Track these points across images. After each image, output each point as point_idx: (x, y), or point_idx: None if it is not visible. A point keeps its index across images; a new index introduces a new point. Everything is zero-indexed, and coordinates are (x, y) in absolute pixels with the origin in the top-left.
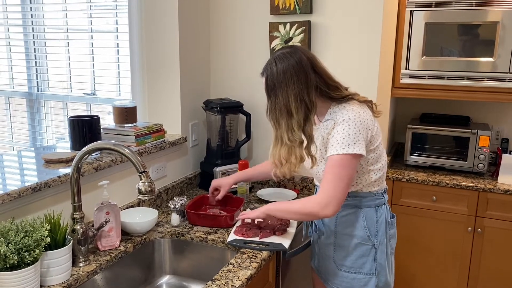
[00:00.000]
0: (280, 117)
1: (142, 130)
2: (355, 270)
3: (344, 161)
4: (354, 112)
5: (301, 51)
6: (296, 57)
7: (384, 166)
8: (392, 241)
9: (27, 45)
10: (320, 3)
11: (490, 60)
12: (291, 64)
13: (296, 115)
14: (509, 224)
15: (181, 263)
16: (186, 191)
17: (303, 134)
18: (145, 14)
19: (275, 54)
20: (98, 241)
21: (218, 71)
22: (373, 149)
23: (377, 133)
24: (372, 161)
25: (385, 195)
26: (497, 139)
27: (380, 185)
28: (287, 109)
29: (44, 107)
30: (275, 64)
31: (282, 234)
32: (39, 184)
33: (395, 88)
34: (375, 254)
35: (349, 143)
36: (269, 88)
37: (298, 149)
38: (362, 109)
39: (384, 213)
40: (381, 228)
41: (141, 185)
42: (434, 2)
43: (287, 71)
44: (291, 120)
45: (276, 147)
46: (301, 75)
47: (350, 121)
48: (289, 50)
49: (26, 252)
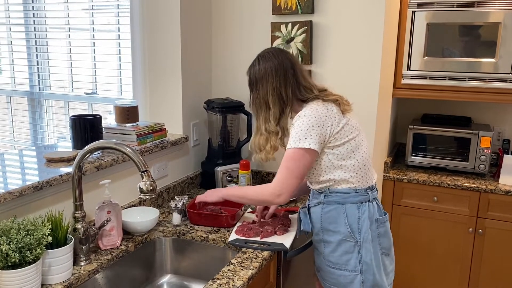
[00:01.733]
0: (259, 109)
1: (143, 130)
2: (341, 266)
3: (295, 155)
4: (312, 109)
5: (285, 54)
6: (279, 58)
7: (361, 162)
8: (383, 240)
9: (29, 44)
10: (322, 3)
11: (491, 61)
12: (273, 63)
13: (273, 108)
14: (510, 225)
15: (182, 262)
16: (187, 190)
17: (278, 126)
18: (147, 13)
19: (260, 53)
20: (99, 240)
21: (219, 71)
22: (339, 144)
23: (345, 128)
24: (342, 157)
25: (370, 192)
26: (498, 140)
27: (360, 182)
28: (266, 102)
29: (45, 106)
30: (259, 62)
31: (283, 234)
32: (40, 183)
33: (397, 88)
34: (360, 251)
35: (300, 138)
36: (251, 82)
37: (273, 138)
38: (323, 106)
39: (368, 210)
40: (365, 225)
41: (143, 184)
42: (436, 3)
43: (268, 68)
44: (268, 113)
45: (256, 136)
46: (280, 72)
47: (304, 117)
48: (273, 50)
49: (27, 251)
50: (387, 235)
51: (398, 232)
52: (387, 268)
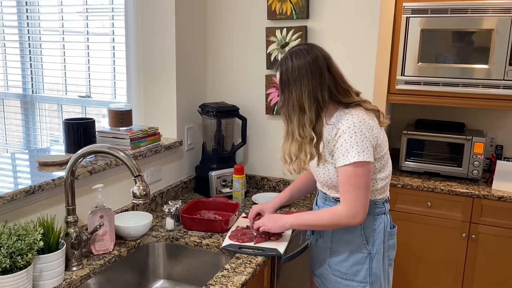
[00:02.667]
0: (293, 112)
1: (137, 134)
2: (349, 277)
3: (357, 170)
4: (359, 119)
5: (318, 49)
6: (313, 55)
7: (388, 175)
8: (391, 252)
9: (22, 46)
10: (316, 9)
11: (485, 67)
12: (307, 61)
13: (308, 111)
14: (503, 231)
15: (176, 267)
16: (181, 195)
17: (313, 131)
18: (141, 17)
19: (292, 50)
20: (91, 245)
21: (214, 75)
22: (378, 158)
23: (383, 142)
24: (377, 170)
25: (386, 204)
26: (491, 146)
27: (382, 194)
28: (300, 105)
29: (38, 109)
30: (291, 59)
31: (277, 239)
32: (32, 187)
33: (391, 94)
34: (371, 263)
35: (358, 151)
36: (283, 83)
37: (308, 146)
38: (368, 116)
39: (383, 222)
40: (379, 237)
41: (136, 189)
42: (430, 9)
43: (302, 68)
44: (303, 116)
45: (286, 142)
46: (316, 72)
47: (355, 128)
48: (306, 46)
49: (18, 256)
50: (394, 247)
51: None
52: (390, 278)
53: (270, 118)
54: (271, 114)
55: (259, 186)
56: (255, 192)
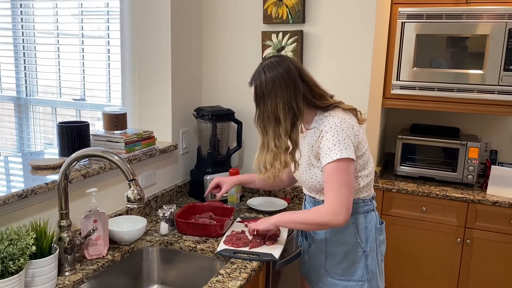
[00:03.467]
0: (268, 124)
1: (132, 137)
2: (347, 277)
3: (340, 167)
4: (340, 119)
5: (289, 60)
6: (285, 66)
7: (371, 172)
8: (382, 247)
9: (17, 49)
10: (312, 13)
11: (479, 72)
12: (280, 73)
13: (284, 122)
14: (497, 236)
15: (170, 272)
16: (175, 199)
17: (289, 140)
18: (137, 20)
19: (264, 63)
20: (85, 249)
21: (209, 79)
22: (360, 155)
23: (363, 139)
24: (360, 168)
25: (373, 201)
26: (486, 151)
27: (368, 192)
28: (275, 116)
29: (32, 112)
30: (264, 73)
31: (272, 244)
32: (25, 191)
33: (386, 98)
34: (366, 260)
35: (341, 149)
36: (258, 96)
37: (283, 155)
38: (347, 115)
39: (373, 219)
40: (371, 234)
41: (130, 193)
42: (425, 14)
43: (276, 80)
44: (278, 127)
45: (261, 154)
46: (289, 83)
47: (337, 127)
48: (277, 59)
49: (10, 261)
50: (384, 242)
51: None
52: (383, 273)
53: None
54: None
55: (254, 191)
56: (250, 196)
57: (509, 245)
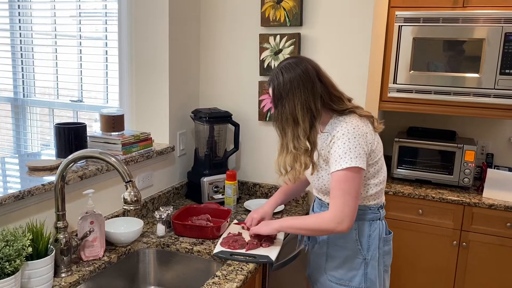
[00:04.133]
0: (287, 125)
1: (129, 139)
2: (345, 282)
3: (348, 176)
4: (353, 125)
5: (306, 61)
6: (302, 67)
7: (382, 181)
8: (386, 258)
9: (14, 50)
10: (310, 16)
11: (476, 76)
12: (298, 74)
13: (302, 123)
14: (493, 239)
15: (166, 274)
16: (172, 201)
17: (308, 141)
18: (135, 21)
19: (281, 65)
20: (81, 251)
21: (207, 81)
22: (372, 163)
23: (377, 147)
24: (371, 176)
25: (381, 210)
26: (482, 154)
27: (376, 200)
28: (294, 118)
29: (29, 113)
30: (282, 74)
31: (269, 246)
32: (22, 192)
33: (383, 101)
34: (366, 268)
35: (351, 157)
36: (276, 98)
37: (303, 156)
38: (362, 122)
39: (378, 228)
40: (374, 243)
41: (127, 195)
42: (422, 18)
43: (293, 81)
44: (297, 129)
45: (281, 155)
46: (307, 84)
47: (349, 134)
48: (295, 60)
49: (6, 262)
50: (390, 253)
51: None
52: (385, 284)
53: (262, 125)
54: (264, 120)
55: (251, 193)
56: (247, 198)
57: (505, 248)
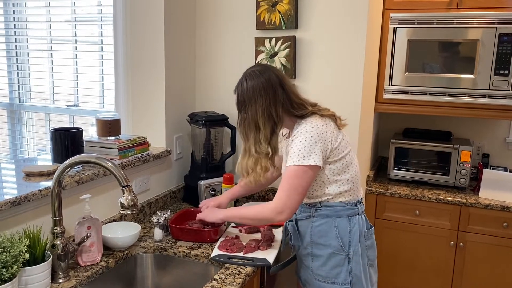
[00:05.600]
0: (249, 130)
1: (125, 143)
2: (330, 280)
3: (298, 172)
4: (312, 125)
5: (271, 70)
6: (266, 75)
7: (354, 176)
8: (370, 252)
9: (10, 55)
10: (305, 19)
11: (470, 77)
12: (261, 81)
13: (263, 129)
14: (490, 239)
15: (164, 278)
16: (169, 205)
17: (269, 146)
18: (130, 25)
19: (246, 72)
20: (78, 256)
21: (203, 84)
22: (337, 160)
23: (341, 144)
24: (338, 171)
25: (359, 205)
26: (478, 154)
27: (352, 196)
28: (256, 123)
29: (25, 118)
30: (246, 81)
31: (266, 249)
32: (18, 198)
33: (379, 103)
34: (350, 264)
35: (305, 155)
36: (240, 103)
37: (263, 160)
38: (322, 122)
39: (357, 223)
40: (355, 238)
41: (124, 200)
42: (417, 20)
43: (256, 88)
44: (258, 134)
45: (244, 158)
46: (269, 91)
47: (306, 133)
48: (260, 68)
49: (3, 269)
50: (373, 247)
51: (381, 245)
52: (372, 279)
53: None
54: None
55: (248, 196)
56: (244, 201)
57: (502, 248)
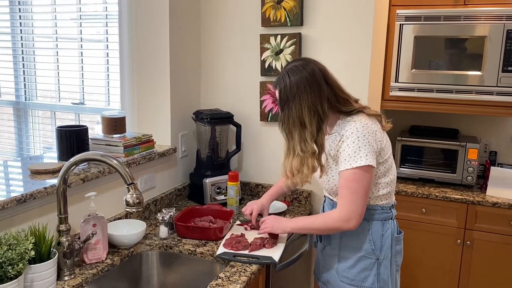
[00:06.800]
0: (293, 128)
1: (131, 141)
2: (357, 283)
3: (357, 175)
4: (362, 124)
5: (313, 63)
6: (309, 69)
7: (393, 180)
8: (398, 258)
9: (16, 53)
10: (310, 16)
11: (478, 73)
12: (304, 76)
13: (309, 126)
14: (497, 237)
15: (169, 276)
16: (175, 202)
17: (315, 144)
18: (135, 24)
19: (288, 67)
20: (84, 254)
21: (208, 82)
22: (382, 162)
23: (386, 146)
24: (381, 174)
25: (393, 209)
26: (485, 152)
27: (388, 199)
28: (301, 120)
29: (31, 116)
30: (288, 76)
31: (272, 247)
32: (24, 196)
33: (385, 100)
34: (379, 268)
35: (361, 156)
36: (283, 101)
37: (310, 159)
38: (370, 121)
39: (390, 228)
40: (387, 243)
41: (129, 197)
42: (423, 16)
43: (300, 83)
44: (304, 132)
45: (288, 158)
46: (314, 86)
47: (358, 133)
48: (301, 62)
49: (9, 266)
50: (401, 252)
51: None
52: (398, 284)
53: (264, 125)
54: (266, 121)
55: (253, 193)
56: (250, 199)
57: (509, 246)
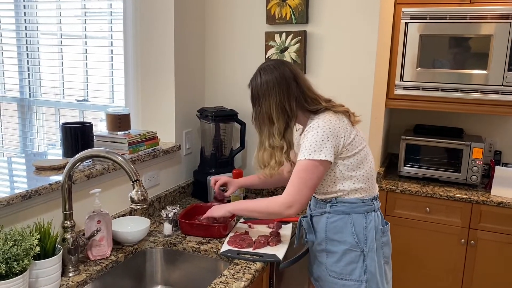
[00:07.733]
0: (263, 124)
1: (135, 138)
2: (345, 276)
3: (309, 167)
4: (325, 120)
5: (286, 64)
6: (280, 70)
7: (369, 173)
8: (385, 249)
9: (20, 50)
10: (316, 14)
11: (483, 72)
12: (275, 76)
13: (277, 123)
14: (502, 237)
15: (173, 273)
16: (179, 200)
17: (283, 140)
18: (140, 20)
19: (261, 66)
20: (88, 250)
21: (213, 79)
22: (350, 155)
23: (355, 140)
24: (352, 167)
25: (375, 201)
26: (490, 151)
27: (368, 191)
28: (269, 117)
29: (36, 113)
30: (260, 75)
31: (276, 245)
32: (29, 192)
33: (390, 99)
34: (365, 261)
35: (316, 149)
36: (254, 98)
37: (278, 153)
38: (335, 117)
39: (373, 220)
40: (370, 235)
41: (134, 194)
42: (429, 15)
43: (270, 82)
44: (272, 128)
45: (259, 151)
46: (283, 85)
47: (319, 128)
48: (274, 62)
49: (14, 262)
50: (388, 244)
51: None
52: (387, 276)
53: None
54: None
55: (257, 191)
56: (254, 197)
57: None
